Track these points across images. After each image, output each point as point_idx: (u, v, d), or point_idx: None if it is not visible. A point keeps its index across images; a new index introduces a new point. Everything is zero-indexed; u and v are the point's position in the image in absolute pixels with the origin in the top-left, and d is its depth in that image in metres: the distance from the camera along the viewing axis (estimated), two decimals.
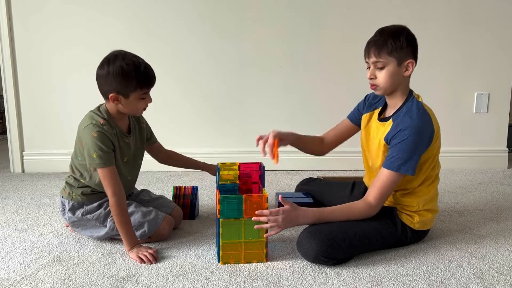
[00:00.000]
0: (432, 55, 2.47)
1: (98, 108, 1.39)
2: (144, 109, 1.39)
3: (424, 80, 2.46)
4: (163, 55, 2.43)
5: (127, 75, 1.29)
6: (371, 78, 1.34)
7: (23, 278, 1.19)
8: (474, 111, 2.54)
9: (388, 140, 1.33)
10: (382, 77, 1.31)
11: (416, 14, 2.44)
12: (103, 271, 1.23)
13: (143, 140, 1.53)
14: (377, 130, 1.41)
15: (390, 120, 1.35)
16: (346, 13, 2.43)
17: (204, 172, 1.67)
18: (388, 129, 1.34)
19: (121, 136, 1.40)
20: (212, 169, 1.64)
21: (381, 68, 1.31)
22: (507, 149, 2.60)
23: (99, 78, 1.33)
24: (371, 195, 1.30)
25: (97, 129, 1.32)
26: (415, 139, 1.26)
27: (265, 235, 1.26)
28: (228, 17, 2.43)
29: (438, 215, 1.67)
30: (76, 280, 1.17)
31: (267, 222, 1.23)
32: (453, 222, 1.63)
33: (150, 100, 1.38)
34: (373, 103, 1.49)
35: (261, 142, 1.38)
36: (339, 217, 1.30)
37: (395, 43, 1.28)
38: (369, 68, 1.35)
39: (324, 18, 2.43)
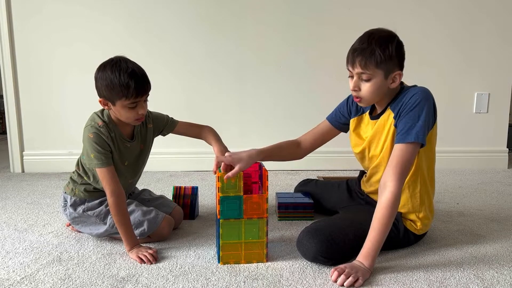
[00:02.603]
0: (432, 55, 2.47)
1: (102, 110, 1.39)
2: (138, 119, 1.34)
3: (424, 80, 2.44)
4: (163, 55, 2.43)
5: (111, 83, 1.27)
6: (354, 90, 1.23)
7: (23, 278, 1.19)
8: (474, 111, 2.55)
9: (397, 124, 1.23)
10: (366, 90, 1.21)
11: (416, 14, 2.44)
12: (103, 271, 1.23)
13: (150, 142, 1.51)
14: (377, 127, 1.31)
15: (388, 109, 1.27)
16: (346, 14, 2.43)
17: (204, 172, 1.67)
18: (391, 117, 1.25)
19: (121, 141, 1.39)
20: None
21: (367, 80, 1.20)
22: (507, 149, 2.61)
23: (94, 80, 1.33)
24: (387, 177, 1.16)
25: (93, 131, 1.33)
26: (425, 103, 1.18)
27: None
28: (228, 17, 2.43)
29: (438, 215, 1.68)
30: (76, 280, 1.17)
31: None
32: (453, 222, 1.63)
33: (143, 111, 1.33)
34: (360, 107, 1.42)
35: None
36: (381, 236, 1.15)
37: (383, 53, 1.16)
38: (351, 76, 1.24)
39: (325, 18, 2.44)
